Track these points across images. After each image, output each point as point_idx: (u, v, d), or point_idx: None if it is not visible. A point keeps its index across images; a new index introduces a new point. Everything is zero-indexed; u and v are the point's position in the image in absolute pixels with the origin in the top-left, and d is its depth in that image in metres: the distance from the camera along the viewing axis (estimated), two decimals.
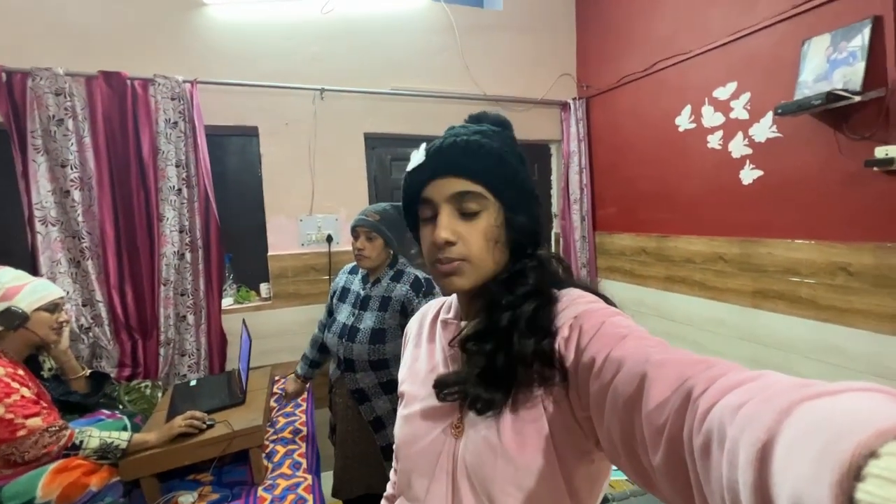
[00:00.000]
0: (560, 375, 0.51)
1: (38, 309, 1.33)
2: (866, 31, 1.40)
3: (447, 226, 0.55)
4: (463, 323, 0.63)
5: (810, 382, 0.26)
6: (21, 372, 1.27)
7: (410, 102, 2.41)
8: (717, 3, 1.93)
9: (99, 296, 1.92)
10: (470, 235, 0.56)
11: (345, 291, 1.70)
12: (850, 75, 1.43)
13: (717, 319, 2.01)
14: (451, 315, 0.67)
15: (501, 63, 2.64)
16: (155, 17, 2.02)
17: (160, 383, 1.96)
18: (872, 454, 0.18)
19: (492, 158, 0.56)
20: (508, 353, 0.52)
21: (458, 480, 0.56)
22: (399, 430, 0.66)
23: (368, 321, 1.55)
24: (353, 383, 1.58)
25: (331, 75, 2.29)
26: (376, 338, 1.52)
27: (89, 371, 1.57)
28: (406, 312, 1.52)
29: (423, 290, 1.55)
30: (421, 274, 1.60)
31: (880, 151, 1.38)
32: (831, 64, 1.49)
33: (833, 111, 1.48)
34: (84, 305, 1.91)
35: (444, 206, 0.56)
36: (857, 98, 1.38)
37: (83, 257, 1.89)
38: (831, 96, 1.40)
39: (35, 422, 1.17)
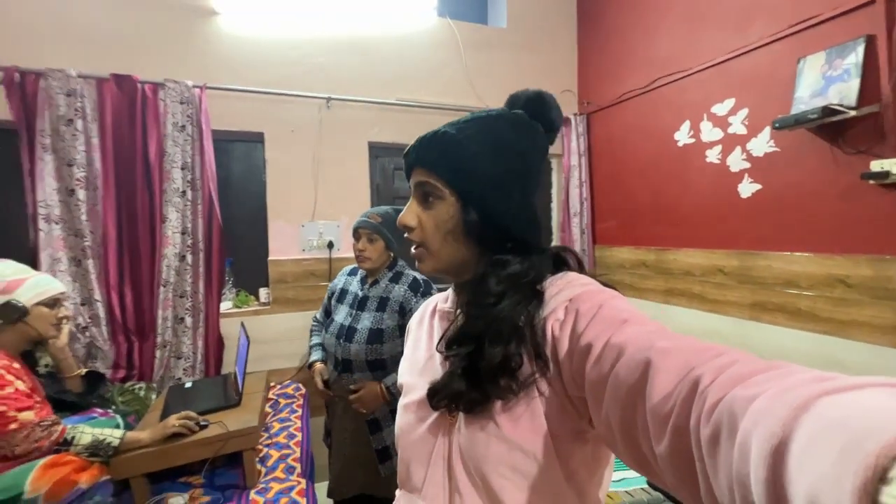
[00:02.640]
0: (541, 367, 0.50)
1: (38, 304, 1.32)
2: (860, 49, 1.44)
3: (410, 210, 0.60)
4: (459, 312, 0.63)
5: (828, 376, 0.25)
6: (17, 365, 1.25)
7: (414, 113, 2.46)
8: (714, 24, 1.99)
9: (98, 295, 1.91)
10: (425, 222, 0.59)
11: (343, 293, 1.70)
12: (845, 91, 1.46)
13: (716, 332, 2.00)
14: (448, 305, 0.67)
15: (504, 78, 2.70)
16: (168, 23, 2.07)
17: (154, 385, 1.94)
18: None
19: (446, 149, 0.57)
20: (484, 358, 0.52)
21: (454, 465, 0.56)
22: (399, 419, 0.66)
23: (366, 321, 1.55)
24: (350, 384, 1.56)
25: (337, 85, 2.34)
26: (374, 338, 1.52)
27: (85, 370, 1.56)
28: (404, 313, 1.52)
29: (422, 291, 1.56)
30: (419, 275, 1.61)
31: (876, 165, 1.40)
32: (827, 80, 1.53)
33: (829, 126, 1.51)
34: (82, 305, 1.90)
35: (413, 194, 0.61)
36: (853, 113, 1.41)
37: (84, 256, 1.89)
38: (827, 110, 1.43)
39: (27, 415, 1.16)
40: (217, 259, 2.11)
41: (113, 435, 1.26)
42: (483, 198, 0.57)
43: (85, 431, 1.24)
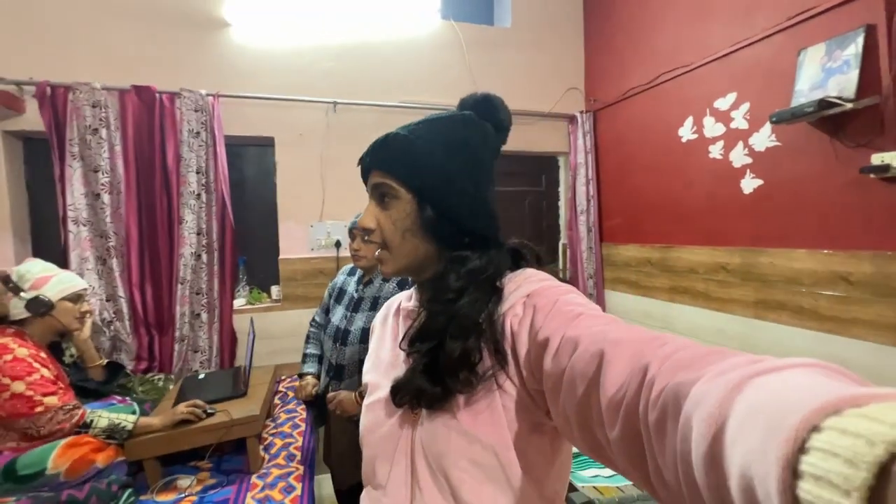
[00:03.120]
0: (498, 362, 0.52)
1: (62, 298, 1.45)
2: (860, 40, 1.40)
3: (368, 213, 0.60)
4: (420, 308, 0.64)
5: (759, 358, 0.27)
6: (43, 354, 1.38)
7: (418, 115, 2.49)
8: (717, 17, 1.96)
9: (121, 292, 2.06)
10: (383, 223, 0.59)
11: (341, 293, 1.77)
12: (844, 83, 1.43)
13: (719, 330, 1.97)
14: (411, 304, 0.68)
15: (509, 78, 2.72)
16: (182, 35, 2.20)
17: (173, 377, 2.07)
18: (815, 428, 0.19)
19: (399, 149, 0.59)
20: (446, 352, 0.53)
21: (416, 461, 0.57)
22: (363, 418, 0.66)
23: (359, 322, 1.62)
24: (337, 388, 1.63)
25: (343, 89, 2.42)
26: (366, 337, 1.58)
27: (106, 361, 1.68)
28: None
29: (409, 286, 1.61)
30: None
31: (876, 158, 1.36)
32: (826, 72, 1.49)
33: (829, 119, 1.48)
34: (107, 300, 2.04)
35: (370, 197, 0.62)
36: (850, 105, 1.37)
37: (109, 256, 2.04)
38: (823, 103, 1.40)
39: (52, 400, 1.27)
40: (230, 258, 2.23)
41: (127, 419, 1.37)
42: (437, 193, 0.58)
43: (102, 416, 1.35)
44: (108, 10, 2.09)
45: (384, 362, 0.67)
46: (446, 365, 0.52)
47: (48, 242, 2.12)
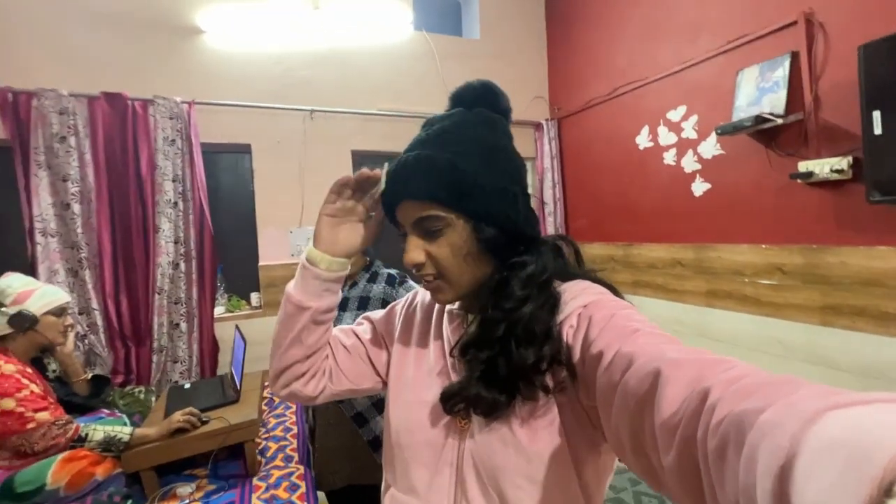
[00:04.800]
0: (569, 375, 0.49)
1: (46, 312, 1.42)
2: (786, 64, 1.64)
3: (414, 248, 0.55)
4: (470, 316, 0.61)
5: (836, 390, 0.25)
6: (29, 370, 1.35)
7: (395, 122, 2.59)
8: (667, 37, 2.18)
9: (95, 304, 2.00)
10: (438, 254, 0.55)
11: None
12: (775, 101, 1.66)
13: (677, 319, 2.19)
14: (456, 306, 0.64)
15: None
16: (156, 42, 2.16)
17: (153, 389, 2.03)
18: None
19: (444, 174, 0.53)
20: (509, 361, 0.51)
21: (465, 473, 0.54)
22: (399, 414, 0.62)
23: (348, 320, 1.68)
24: None
25: (320, 97, 2.45)
26: None
27: (91, 374, 1.65)
28: (387, 305, 1.66)
29: (398, 282, 1.70)
30: (393, 270, 1.76)
31: (802, 166, 1.60)
32: (760, 91, 1.72)
33: (763, 132, 1.71)
34: (80, 314, 1.98)
35: (410, 231, 0.56)
36: (780, 121, 1.60)
37: (81, 267, 1.98)
38: (759, 119, 1.62)
39: (43, 415, 1.26)
40: (209, 266, 2.21)
41: (123, 431, 1.37)
42: (493, 209, 0.54)
43: (97, 429, 1.34)
44: (74, 14, 2.03)
45: (428, 361, 0.63)
46: (518, 371, 0.50)
47: (10, 255, 2.02)
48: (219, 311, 2.37)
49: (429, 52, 2.71)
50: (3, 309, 1.35)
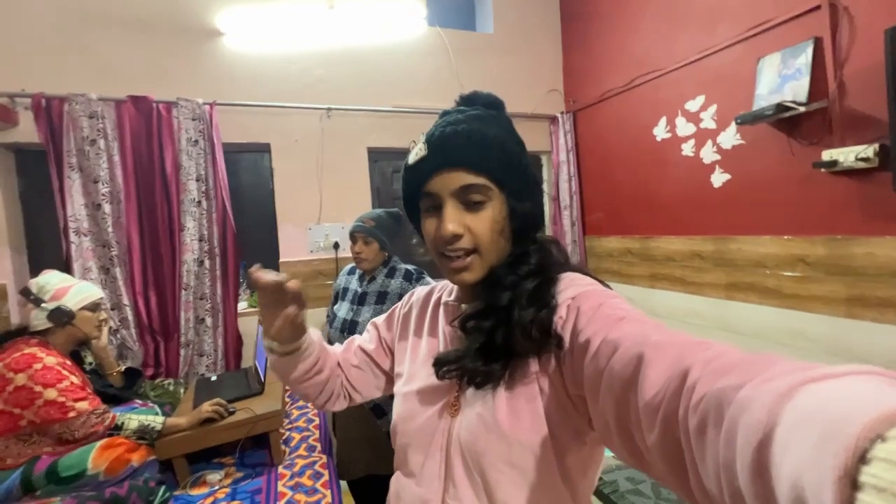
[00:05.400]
0: (556, 345, 0.51)
1: (82, 308, 1.49)
2: (809, 50, 1.60)
3: (454, 219, 0.55)
4: (463, 306, 0.63)
5: (811, 365, 0.26)
6: (69, 362, 1.43)
7: (410, 119, 2.61)
8: (685, 25, 2.14)
9: (126, 300, 2.08)
10: (476, 227, 0.55)
11: (345, 291, 1.87)
12: (797, 88, 1.62)
13: (696, 312, 2.17)
14: (452, 298, 0.68)
15: (493, 80, 2.85)
16: (178, 46, 2.23)
17: (181, 381, 2.11)
18: (878, 437, 0.18)
19: (494, 148, 0.55)
20: (507, 328, 0.53)
21: (452, 457, 0.57)
22: (398, 406, 0.66)
23: (366, 314, 1.72)
24: None
25: (336, 95, 2.49)
26: None
27: (124, 367, 1.73)
28: None
29: (415, 278, 1.74)
30: (410, 266, 1.79)
31: (826, 154, 1.56)
32: (782, 79, 1.68)
33: (785, 120, 1.67)
34: (112, 309, 2.07)
35: (449, 200, 0.56)
36: (803, 108, 1.57)
37: (112, 265, 2.06)
38: (781, 107, 1.59)
39: (83, 405, 1.33)
40: (232, 262, 2.28)
41: (156, 420, 1.44)
42: (527, 189, 0.58)
43: (132, 418, 1.41)
44: (100, 21, 2.10)
45: (423, 353, 0.67)
46: (517, 327, 0.52)
47: (46, 254, 2.13)
48: (241, 306, 2.44)
49: (443, 47, 2.71)
50: (43, 305, 1.43)
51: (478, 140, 0.54)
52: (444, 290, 0.72)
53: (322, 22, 2.45)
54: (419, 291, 0.77)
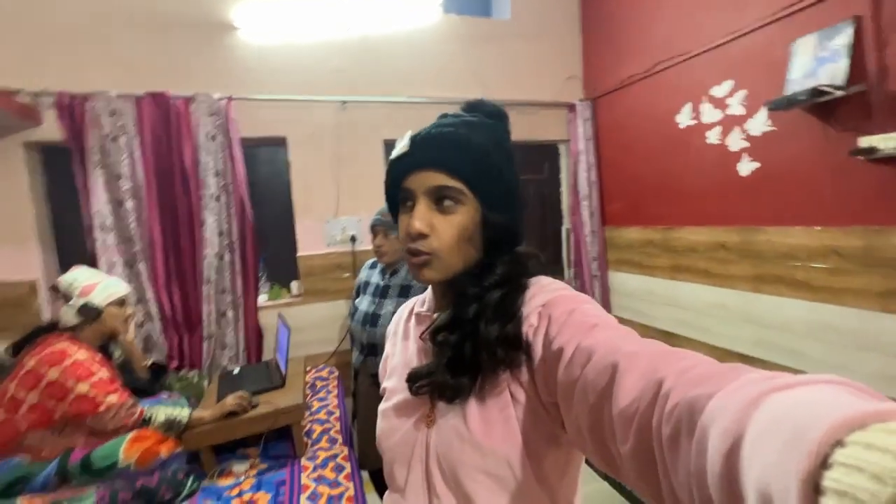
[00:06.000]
0: (525, 357, 0.51)
1: (109, 304, 1.52)
2: (849, 31, 1.51)
3: (422, 217, 0.55)
4: (436, 315, 0.63)
5: (778, 375, 0.27)
6: (99, 357, 1.46)
7: (425, 109, 2.57)
8: (712, 6, 2.05)
9: (150, 295, 2.13)
10: (443, 230, 0.55)
11: (366, 285, 1.88)
12: (834, 72, 1.54)
13: (720, 304, 2.12)
14: (424, 308, 0.67)
15: (510, 68, 2.79)
16: (194, 41, 2.23)
17: (204, 373, 2.16)
18: (838, 443, 0.19)
19: (475, 154, 0.55)
20: (475, 342, 0.52)
21: (431, 469, 0.57)
22: (379, 423, 0.66)
23: (389, 307, 1.72)
24: (374, 367, 1.74)
25: (351, 87, 2.47)
26: None
27: (150, 362, 1.77)
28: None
29: None
30: None
31: (864, 141, 1.48)
32: (818, 61, 1.60)
33: (820, 105, 1.59)
34: (137, 303, 2.11)
35: (421, 198, 0.56)
36: (840, 93, 1.49)
37: (136, 260, 2.10)
38: (816, 92, 1.51)
39: (113, 398, 1.36)
40: (252, 256, 2.30)
41: (182, 413, 1.47)
42: (503, 201, 0.57)
43: (160, 411, 1.44)
44: (118, 19, 2.11)
45: (398, 367, 0.66)
46: (482, 345, 0.52)
47: (72, 249, 2.18)
48: (261, 299, 2.47)
49: (458, 35, 2.66)
50: (72, 301, 1.47)
51: (459, 145, 0.55)
52: (419, 300, 0.72)
53: (336, 12, 2.42)
54: (403, 305, 0.78)
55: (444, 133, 0.56)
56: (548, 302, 0.53)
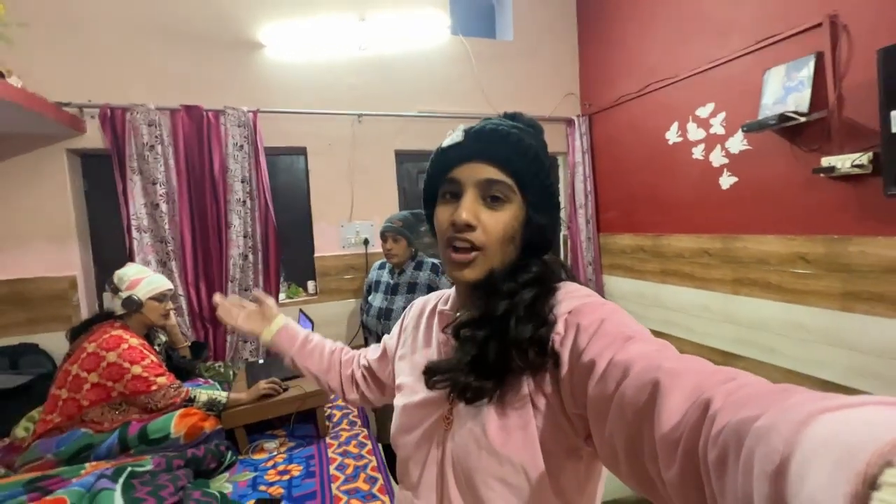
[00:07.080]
0: (553, 365, 0.49)
1: (150, 298, 1.69)
2: (811, 64, 1.73)
3: (470, 208, 0.54)
4: (458, 313, 0.60)
5: (829, 396, 0.26)
6: (146, 343, 1.64)
7: (434, 122, 2.78)
8: (697, 36, 2.27)
9: (180, 291, 2.30)
10: (490, 224, 0.54)
11: (377, 283, 2.09)
12: (799, 99, 1.75)
13: (703, 306, 2.32)
14: (447, 307, 0.67)
15: (513, 85, 3.00)
16: (225, 58, 2.43)
17: (230, 364, 2.33)
18: (888, 464, 0.18)
19: (528, 154, 0.55)
20: (502, 341, 0.51)
21: (445, 471, 0.57)
22: (396, 418, 0.66)
23: (399, 302, 1.93)
24: None
25: (366, 102, 2.68)
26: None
27: (190, 342, 1.96)
28: (433, 290, 1.90)
29: (441, 270, 1.95)
30: (437, 260, 2.00)
31: (825, 161, 1.70)
32: (786, 90, 1.82)
33: (788, 128, 1.81)
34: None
35: (469, 190, 0.55)
36: (804, 118, 1.70)
37: (168, 259, 2.28)
38: (784, 117, 1.72)
39: (162, 380, 1.54)
40: (274, 257, 2.48)
41: (221, 395, 1.64)
42: (546, 204, 0.58)
43: (202, 392, 1.62)
44: (156, 36, 2.31)
45: (418, 364, 0.65)
46: (513, 343, 0.50)
47: (108, 249, 2.36)
48: (281, 297, 2.65)
49: (465, 54, 2.87)
50: (119, 293, 1.65)
51: (514, 142, 0.55)
52: (441, 298, 0.71)
53: (353, 34, 2.63)
54: (419, 301, 0.77)
55: (499, 129, 0.55)
56: (574, 309, 0.51)
